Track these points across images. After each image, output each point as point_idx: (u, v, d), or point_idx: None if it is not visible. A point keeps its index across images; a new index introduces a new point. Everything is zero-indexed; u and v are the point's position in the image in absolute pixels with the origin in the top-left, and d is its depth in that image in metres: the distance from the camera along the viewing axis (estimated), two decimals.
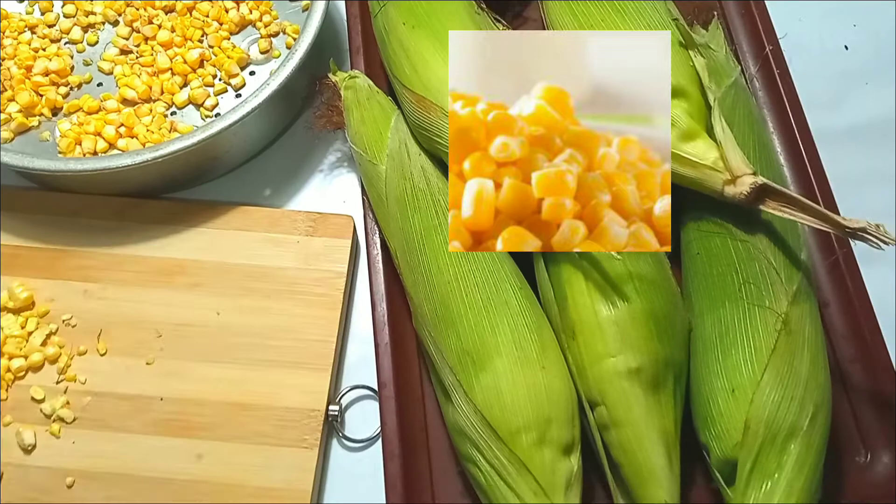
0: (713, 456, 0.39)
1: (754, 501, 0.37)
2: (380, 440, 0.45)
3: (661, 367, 0.40)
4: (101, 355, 0.47)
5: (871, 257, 0.43)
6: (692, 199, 0.45)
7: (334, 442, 0.47)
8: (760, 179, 0.40)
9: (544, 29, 0.53)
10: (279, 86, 0.49)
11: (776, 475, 0.37)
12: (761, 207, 0.41)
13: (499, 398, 0.39)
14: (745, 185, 0.41)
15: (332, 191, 0.54)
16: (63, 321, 0.48)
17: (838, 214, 0.49)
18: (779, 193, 0.41)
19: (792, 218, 0.40)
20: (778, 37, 0.55)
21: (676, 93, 0.43)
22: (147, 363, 0.46)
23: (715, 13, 0.52)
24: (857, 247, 0.42)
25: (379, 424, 0.45)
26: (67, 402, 0.46)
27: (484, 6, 0.51)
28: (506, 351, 0.40)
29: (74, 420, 0.45)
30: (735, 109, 0.46)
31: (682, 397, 0.41)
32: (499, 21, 0.52)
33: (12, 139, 0.55)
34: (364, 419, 0.47)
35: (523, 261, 0.45)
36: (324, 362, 0.46)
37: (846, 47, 0.60)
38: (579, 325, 0.41)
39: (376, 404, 0.47)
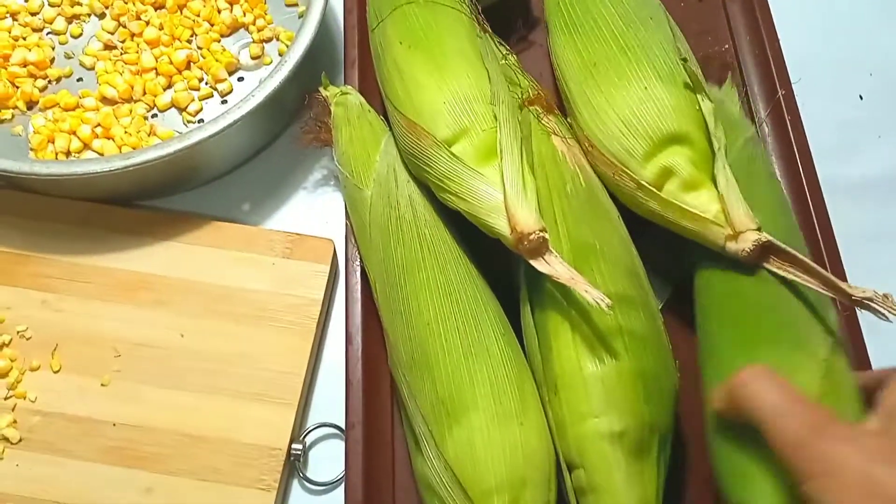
0: None
1: None
2: (343, 484, 0.43)
3: (646, 432, 0.37)
4: (55, 372, 0.44)
5: (877, 327, 0.41)
6: None
7: (294, 482, 0.44)
8: (764, 237, 0.38)
9: (549, 58, 0.51)
10: (266, 97, 0.46)
11: None
12: (764, 265, 0.39)
13: (472, 454, 0.37)
14: (747, 241, 0.38)
15: (314, 211, 0.52)
16: (17, 332, 0.45)
17: (843, 273, 0.47)
18: (784, 253, 0.38)
19: (795, 279, 0.38)
20: (791, 81, 0.53)
21: (679, 139, 0.41)
22: (102, 384, 0.44)
23: (730, 72, 0.50)
24: (864, 315, 0.39)
25: (344, 467, 0.43)
26: (14, 421, 0.43)
27: (488, 29, 0.48)
28: (483, 404, 0.37)
29: (20, 441, 0.42)
30: (751, 166, 0.44)
31: (665, 464, 0.38)
32: (502, 45, 0.49)
33: None
34: (329, 459, 0.45)
35: (509, 305, 0.42)
36: (290, 396, 0.44)
37: (861, 97, 0.57)
38: (562, 379, 0.38)
39: (342, 444, 0.44)
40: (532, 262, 0.38)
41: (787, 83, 0.52)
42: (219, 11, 0.56)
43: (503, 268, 0.44)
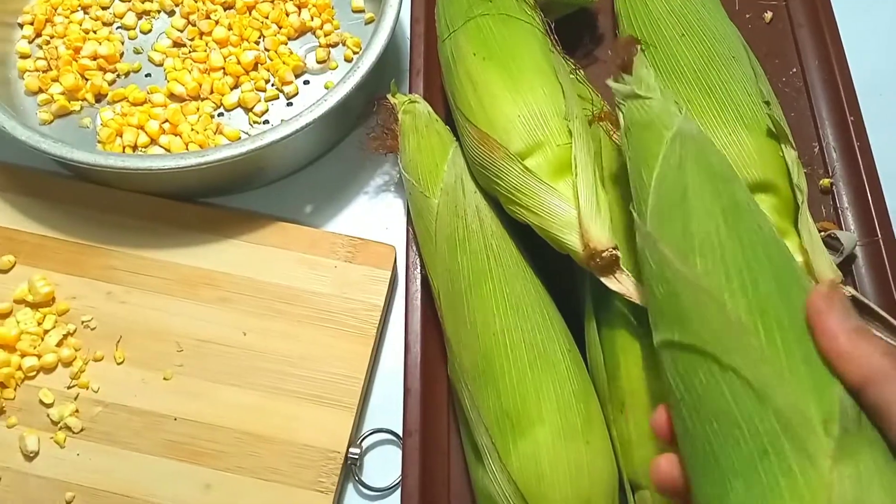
0: None
1: None
2: (398, 491, 0.43)
3: None
4: (118, 364, 0.44)
5: None
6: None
7: (349, 486, 0.44)
8: (849, 290, 0.37)
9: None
10: (338, 102, 0.47)
11: None
12: None
13: (537, 470, 0.36)
14: None
15: (374, 216, 0.52)
16: (82, 322, 0.45)
17: None
18: (871, 311, 0.37)
19: (884, 339, 0.37)
20: (861, 108, 0.52)
21: (764, 187, 0.41)
22: (165, 378, 0.44)
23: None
24: None
25: (399, 473, 0.43)
26: (76, 411, 0.43)
27: (559, 44, 0.48)
28: (549, 419, 0.37)
29: (82, 430, 0.43)
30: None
31: None
32: (569, 60, 0.49)
33: (51, 121, 0.53)
34: (384, 465, 0.45)
35: (571, 321, 0.42)
36: (349, 400, 0.44)
37: None
38: (631, 398, 0.38)
39: (397, 450, 0.45)
40: (603, 280, 0.38)
41: (857, 109, 0.52)
42: (287, 14, 0.57)
43: (566, 282, 0.44)
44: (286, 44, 0.56)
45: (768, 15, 0.58)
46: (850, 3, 0.58)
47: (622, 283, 0.38)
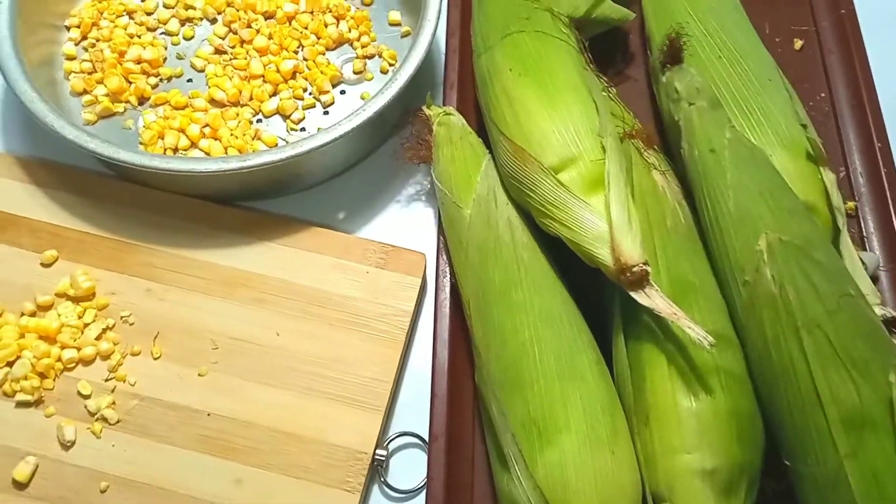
0: None
1: None
2: (422, 493, 0.43)
3: (736, 472, 0.37)
4: (155, 359, 0.46)
5: None
6: None
7: (375, 487, 0.45)
8: (889, 312, 0.38)
9: (651, 96, 0.52)
10: (375, 113, 0.48)
11: None
12: None
13: (563, 478, 0.37)
14: None
15: (405, 224, 0.53)
16: (121, 317, 0.47)
17: None
18: None
19: None
20: (888, 134, 0.53)
21: (806, 209, 0.42)
22: (200, 374, 0.45)
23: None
24: None
25: (424, 476, 0.43)
26: (113, 403, 0.44)
27: (592, 62, 0.49)
28: (576, 428, 0.38)
29: (118, 422, 0.44)
30: None
31: None
32: (602, 77, 0.50)
33: (95, 122, 0.55)
34: (409, 468, 0.45)
35: (601, 334, 0.43)
36: (378, 402, 0.45)
37: None
38: (655, 411, 0.39)
39: (422, 454, 0.45)
40: (633, 294, 0.39)
41: (884, 136, 0.53)
42: (326, 26, 0.58)
43: (595, 296, 0.45)
44: (324, 54, 0.58)
45: (798, 42, 0.59)
46: (877, 27, 0.58)
47: (652, 299, 0.39)
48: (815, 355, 0.35)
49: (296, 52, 0.57)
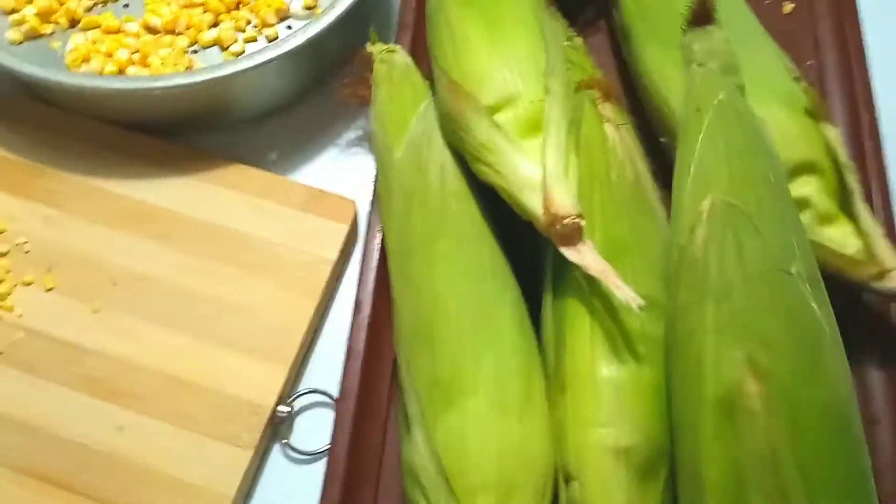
0: None
1: None
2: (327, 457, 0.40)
3: (655, 453, 0.33)
4: (47, 290, 0.42)
5: None
6: None
7: (276, 448, 0.41)
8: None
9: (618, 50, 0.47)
10: (307, 40, 0.44)
11: None
12: None
13: (462, 444, 0.33)
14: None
15: (342, 169, 0.49)
16: (16, 244, 0.43)
17: None
18: None
19: None
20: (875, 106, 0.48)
21: (809, 168, 0.38)
22: (93, 310, 0.42)
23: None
24: None
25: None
26: None
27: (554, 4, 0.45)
28: (484, 391, 0.34)
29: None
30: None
31: (671, 496, 0.34)
32: (562, 21, 0.46)
33: (21, 42, 0.51)
34: (317, 429, 0.42)
35: (534, 298, 0.39)
36: (284, 354, 0.41)
37: None
38: (572, 378, 0.35)
39: (333, 414, 0.42)
40: (562, 249, 0.35)
41: (872, 108, 0.48)
42: None
43: (533, 256, 0.41)
44: None
45: (789, 6, 0.55)
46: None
47: (582, 255, 0.35)
48: (713, 327, 0.31)
49: None
